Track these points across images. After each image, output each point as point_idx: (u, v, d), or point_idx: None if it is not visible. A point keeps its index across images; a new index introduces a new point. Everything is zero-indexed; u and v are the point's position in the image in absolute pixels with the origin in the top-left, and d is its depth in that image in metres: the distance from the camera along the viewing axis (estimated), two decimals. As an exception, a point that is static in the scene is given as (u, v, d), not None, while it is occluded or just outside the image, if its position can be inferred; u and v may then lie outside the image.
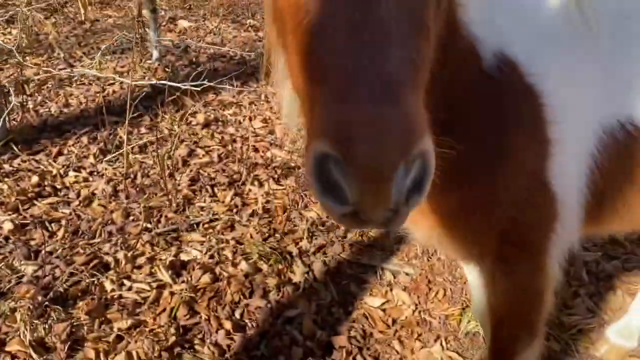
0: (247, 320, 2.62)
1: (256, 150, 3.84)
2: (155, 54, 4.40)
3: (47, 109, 3.91)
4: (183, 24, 5.41)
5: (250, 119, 4.13)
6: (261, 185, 3.49)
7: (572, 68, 1.55)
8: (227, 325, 2.55)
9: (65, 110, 3.94)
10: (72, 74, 3.96)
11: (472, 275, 2.13)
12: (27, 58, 4.26)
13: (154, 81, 3.77)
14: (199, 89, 3.37)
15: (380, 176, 0.79)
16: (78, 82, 4.27)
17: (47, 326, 2.35)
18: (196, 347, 2.44)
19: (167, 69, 4.14)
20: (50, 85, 4.11)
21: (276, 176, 3.59)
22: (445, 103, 1.23)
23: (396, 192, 0.82)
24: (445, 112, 1.06)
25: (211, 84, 3.34)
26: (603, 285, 2.95)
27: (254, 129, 4.04)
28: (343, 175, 0.81)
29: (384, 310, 2.81)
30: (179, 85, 3.30)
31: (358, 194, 0.81)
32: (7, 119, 3.34)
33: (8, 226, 2.84)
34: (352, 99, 0.82)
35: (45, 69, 3.77)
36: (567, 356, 2.56)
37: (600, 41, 1.57)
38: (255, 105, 4.34)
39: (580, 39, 1.57)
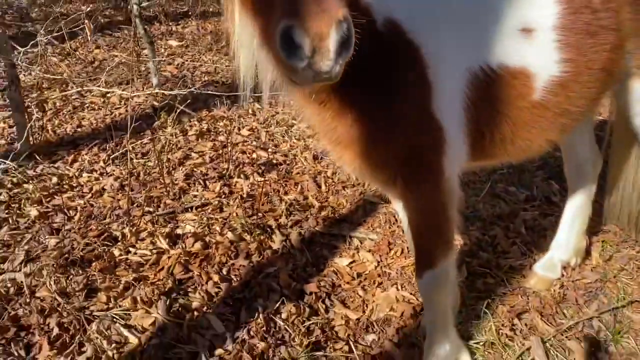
0: (232, 276, 3.14)
1: (243, 152, 4.44)
2: (155, 81, 5.07)
3: (63, 130, 4.57)
4: (172, 43, 6.14)
5: (239, 129, 4.74)
6: (247, 178, 4.06)
7: (440, 27, 2.11)
8: (215, 278, 3.06)
9: (79, 130, 4.60)
10: (84, 91, 4.63)
11: (398, 205, 2.65)
12: (45, 92, 4.95)
13: (154, 96, 4.42)
14: (183, 92, 3.98)
15: (324, 34, 1.32)
16: (89, 108, 4.94)
17: (68, 279, 2.89)
18: (189, 294, 2.96)
19: (165, 94, 4.79)
20: (65, 112, 4.79)
21: (260, 171, 4.17)
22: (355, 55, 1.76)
23: (334, 44, 1.34)
24: (355, 62, 1.60)
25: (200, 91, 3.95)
26: (537, 235, 3.43)
27: (242, 136, 4.65)
28: (302, 37, 1.32)
29: (350, 267, 3.30)
30: (172, 92, 3.92)
31: (311, 48, 1.33)
32: (31, 135, 3.98)
33: (34, 213, 3.43)
34: None
35: (62, 93, 4.45)
36: (500, 287, 3.03)
37: (458, 4, 2.16)
38: (243, 118, 4.97)
39: (445, 3, 2.15)
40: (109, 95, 4.95)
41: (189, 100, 4.63)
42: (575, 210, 3.10)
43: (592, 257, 3.24)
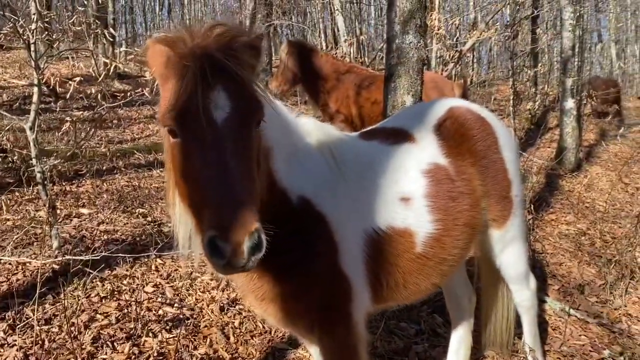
0: None
1: (149, 310, 4.51)
2: (56, 244, 5.09)
3: (-46, 301, 4.37)
4: (83, 211, 6.23)
5: (143, 286, 4.84)
6: (155, 336, 4.13)
7: (340, 199, 2.61)
8: None
9: (-28, 299, 4.43)
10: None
11: (314, 350, 2.96)
12: None
13: (58, 260, 4.46)
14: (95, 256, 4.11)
15: (240, 242, 1.72)
16: (-18, 276, 4.79)
17: None
18: None
19: (66, 255, 4.83)
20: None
21: (168, 327, 4.26)
22: (275, 226, 2.13)
23: (247, 249, 1.74)
24: (277, 232, 2.01)
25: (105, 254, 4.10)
26: (430, 366, 3.86)
27: (147, 293, 4.75)
28: (223, 244, 1.72)
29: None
30: (79, 257, 4.03)
31: (230, 252, 1.73)
32: None
33: None
34: (224, 210, 1.77)
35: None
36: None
37: (352, 182, 2.70)
38: (146, 274, 5.08)
39: (342, 181, 2.67)
40: (3, 261, 4.87)
41: (103, 265, 4.69)
42: (459, 340, 3.60)
43: (477, 380, 3.70)
